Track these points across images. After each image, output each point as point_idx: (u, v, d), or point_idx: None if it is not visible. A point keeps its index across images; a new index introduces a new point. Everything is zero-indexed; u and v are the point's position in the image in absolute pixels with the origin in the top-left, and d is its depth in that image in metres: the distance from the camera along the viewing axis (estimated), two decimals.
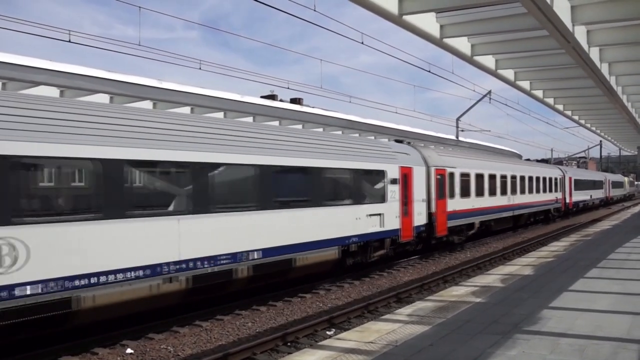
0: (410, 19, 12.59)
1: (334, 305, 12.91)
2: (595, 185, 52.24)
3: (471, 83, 41.65)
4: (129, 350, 9.45)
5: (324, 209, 14.14)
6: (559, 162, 76.99)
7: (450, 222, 21.01)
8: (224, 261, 11.24)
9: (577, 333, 7.44)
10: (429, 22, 13.69)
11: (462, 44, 15.69)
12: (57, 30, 14.74)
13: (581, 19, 12.82)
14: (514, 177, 28.52)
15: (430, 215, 19.54)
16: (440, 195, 20.19)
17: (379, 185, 16.58)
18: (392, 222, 16.99)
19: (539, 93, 23.12)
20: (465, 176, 22.61)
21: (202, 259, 10.76)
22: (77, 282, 8.73)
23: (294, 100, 39.13)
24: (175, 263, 10.23)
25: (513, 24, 13.81)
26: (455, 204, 21.43)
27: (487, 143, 52.69)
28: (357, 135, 26.62)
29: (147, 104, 20.19)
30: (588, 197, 47.91)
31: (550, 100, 25.08)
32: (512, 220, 29.03)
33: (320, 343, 8.05)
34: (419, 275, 17.07)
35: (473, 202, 23.15)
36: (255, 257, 12.01)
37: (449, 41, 14.71)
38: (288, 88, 25.49)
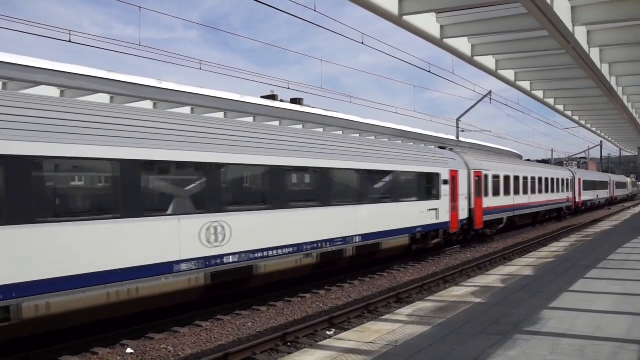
0: (410, 19, 12.59)
1: (334, 305, 12.92)
2: (602, 185, 55.87)
3: (471, 83, 41.72)
4: (129, 350, 9.46)
5: (401, 204, 17.72)
6: (559, 162, 76.98)
7: (485, 217, 24.41)
8: (339, 243, 14.77)
9: (577, 333, 7.44)
10: (429, 23, 13.69)
11: (463, 44, 15.69)
12: (57, 30, 14.74)
13: (581, 19, 12.82)
14: (533, 179, 31.85)
15: (470, 211, 22.90)
16: (478, 194, 23.55)
17: (435, 185, 19.99)
18: (445, 215, 20.43)
19: (539, 93, 23.12)
20: (495, 178, 25.91)
21: (325, 241, 14.26)
22: (256, 255, 12.10)
23: (294, 101, 39.15)
24: (310, 243, 13.70)
25: (513, 24, 13.81)
26: (489, 201, 24.74)
27: (487, 143, 52.68)
28: (411, 143, 30.42)
29: (147, 104, 20.21)
30: (595, 197, 51.59)
31: (551, 101, 25.08)
32: (532, 216, 32.73)
33: (320, 343, 8.05)
34: (419, 275, 17.07)
35: (502, 201, 26.55)
36: (357, 240, 15.51)
37: (449, 41, 14.71)
38: (288, 88, 25.52)
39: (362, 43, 17.01)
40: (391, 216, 17.07)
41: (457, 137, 41.59)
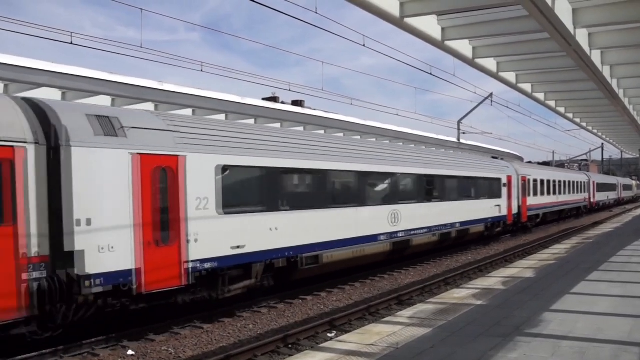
0: (411, 21, 12.61)
1: (335, 307, 12.91)
2: (611, 188, 63.41)
3: (472, 85, 41.68)
4: (129, 352, 9.46)
5: (480, 201, 24.00)
6: (560, 164, 77.23)
7: (528, 213, 30.39)
8: (449, 227, 20.92)
9: (578, 336, 7.44)
10: (430, 25, 13.71)
11: (464, 46, 15.70)
12: (59, 32, 14.77)
13: (583, 21, 12.83)
14: (559, 182, 37.98)
15: (518, 207, 28.79)
16: (523, 194, 29.61)
17: (498, 187, 26.09)
18: (504, 210, 26.60)
19: (540, 95, 23.13)
20: (535, 181, 31.90)
21: (443, 225, 20.48)
22: (411, 233, 18.17)
23: (295, 103, 39.13)
24: (436, 227, 19.85)
25: (514, 26, 13.82)
26: (530, 200, 30.85)
27: (488, 145, 52.67)
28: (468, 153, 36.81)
29: (148, 106, 20.23)
30: (606, 198, 59.07)
31: (552, 103, 25.09)
32: (558, 213, 38.79)
33: (321, 345, 8.06)
34: (420, 277, 17.06)
35: (538, 200, 32.66)
36: (458, 226, 21.57)
37: (451, 44, 14.72)
38: (289, 90, 25.49)
39: (364, 45, 17.00)
40: (475, 210, 23.28)
41: (459, 140, 41.58)
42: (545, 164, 62.69)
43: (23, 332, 8.67)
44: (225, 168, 11.32)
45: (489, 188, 24.88)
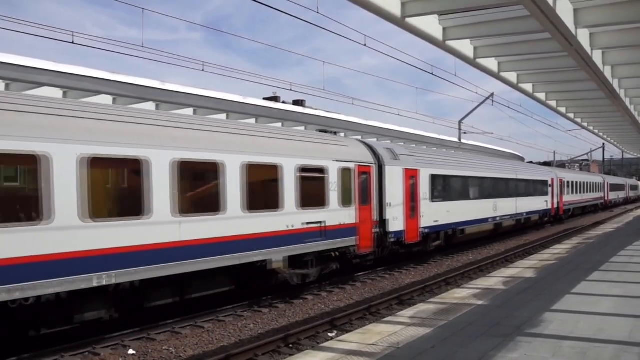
0: (413, 21, 12.58)
1: (335, 307, 12.92)
2: (621, 188, 72.25)
3: (474, 85, 41.74)
4: (130, 351, 9.48)
5: (537, 197, 32.68)
6: (561, 164, 77.53)
7: (564, 207, 39.60)
8: (519, 216, 29.08)
9: (579, 336, 7.44)
10: (431, 25, 13.68)
11: (465, 46, 15.67)
12: (60, 32, 14.80)
13: (584, 21, 12.80)
14: (584, 183, 46.49)
15: (557, 203, 37.44)
16: (560, 193, 38.36)
17: (544, 187, 34.55)
18: (549, 205, 35.43)
19: (541, 96, 23.08)
20: (568, 183, 40.64)
21: (518, 214, 28.73)
22: (503, 217, 26.62)
23: (296, 102, 39.13)
24: (513, 215, 27.97)
25: (516, 26, 13.78)
26: (565, 198, 39.51)
27: (489, 145, 52.64)
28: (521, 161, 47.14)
29: (149, 105, 20.24)
30: (617, 197, 68.27)
31: (553, 103, 25.05)
32: (582, 209, 47.56)
33: (322, 345, 8.06)
34: (421, 277, 17.07)
35: (569, 197, 41.06)
36: (524, 215, 29.88)
37: (452, 44, 14.69)
38: (291, 90, 25.58)
39: (365, 45, 17.02)
40: (534, 204, 31.95)
41: (459, 139, 41.57)
42: (547, 164, 63.72)
43: (371, 258, 16.59)
44: (433, 176, 19.89)
45: (541, 188, 33.78)
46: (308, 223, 13.40)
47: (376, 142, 18.90)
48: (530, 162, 56.70)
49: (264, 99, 31.21)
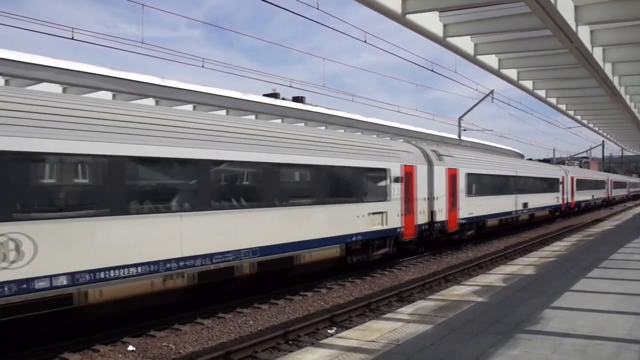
0: (413, 18, 12.55)
1: (335, 304, 12.92)
2: (622, 185, 76.86)
3: (474, 82, 41.65)
4: (130, 348, 9.48)
5: (548, 194, 35.58)
6: (561, 162, 77.73)
7: (576, 200, 43.91)
8: (534, 210, 32.04)
9: (579, 333, 7.44)
10: (432, 21, 13.65)
11: (465, 43, 15.65)
12: (60, 28, 14.75)
13: (585, 18, 12.78)
14: (590, 181, 50.78)
15: (568, 198, 41.03)
16: (571, 189, 41.80)
17: (556, 184, 37.44)
18: (559, 200, 38.16)
19: (541, 93, 23.05)
20: (578, 180, 44.25)
21: (532, 208, 31.71)
22: (519, 212, 29.66)
23: (296, 99, 39.09)
24: (531, 208, 31.83)
25: (516, 23, 13.76)
26: (574, 194, 43.13)
27: (489, 142, 52.62)
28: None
29: (149, 102, 20.22)
30: (618, 194, 71.94)
31: (553, 100, 25.02)
32: (588, 204, 50.18)
33: (322, 341, 8.05)
34: (420, 274, 17.07)
35: (578, 194, 44.35)
36: (538, 209, 33.08)
37: (452, 40, 14.66)
38: (291, 87, 25.52)
39: (365, 42, 16.99)
40: (548, 199, 35.33)
41: (459, 136, 41.56)
42: (546, 161, 64.77)
43: (412, 247, 19.46)
44: (468, 174, 22.99)
45: (554, 185, 37.03)
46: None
47: (425, 146, 22.16)
48: (530, 160, 57.84)
49: (264, 95, 31.17)
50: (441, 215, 20.58)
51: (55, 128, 8.69)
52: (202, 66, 19.48)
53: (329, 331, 10.46)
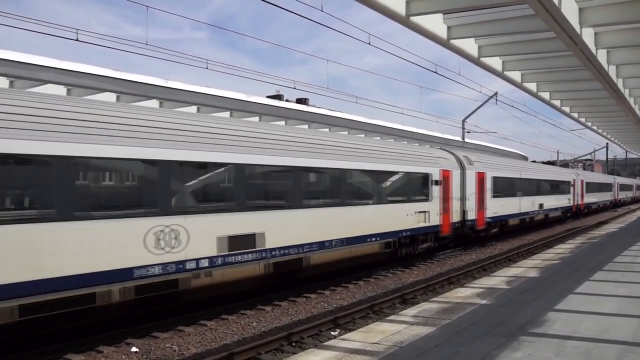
0: (417, 20, 12.54)
1: (338, 306, 12.92)
2: (629, 188, 79.77)
3: (477, 84, 41.51)
4: (133, 349, 9.49)
5: (560, 195, 37.47)
6: (564, 164, 77.69)
7: (584, 202, 46.17)
8: (548, 211, 34.14)
9: (582, 336, 7.42)
10: (436, 23, 13.64)
11: (469, 45, 15.63)
12: (64, 29, 14.79)
13: (589, 21, 12.75)
14: (599, 183, 53.11)
15: (578, 200, 42.96)
16: (582, 191, 43.71)
17: (567, 186, 39.82)
18: (570, 202, 40.33)
19: (545, 95, 23.00)
20: (587, 183, 46.35)
21: (547, 209, 33.92)
22: (535, 212, 31.87)
23: (300, 101, 39.14)
24: (546, 209, 33.80)
25: (520, 25, 13.74)
26: (584, 196, 44.93)
27: (493, 145, 52.53)
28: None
29: (153, 103, 20.25)
30: (625, 196, 74.99)
31: (557, 102, 24.95)
32: (597, 205, 52.72)
33: (325, 343, 8.05)
34: (424, 276, 17.05)
35: (588, 195, 46.15)
36: (552, 210, 35.28)
37: (456, 42, 14.64)
38: (294, 88, 25.44)
39: (369, 43, 16.97)
40: (560, 201, 37.37)
41: (463, 138, 41.50)
42: (550, 163, 65.01)
43: (448, 242, 21.91)
44: (494, 178, 25.11)
45: (565, 188, 38.86)
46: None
47: (457, 152, 24.14)
48: (534, 162, 58.79)
49: (268, 97, 31.20)
50: (472, 214, 22.76)
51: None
52: (206, 68, 19.51)
53: (332, 333, 10.45)
